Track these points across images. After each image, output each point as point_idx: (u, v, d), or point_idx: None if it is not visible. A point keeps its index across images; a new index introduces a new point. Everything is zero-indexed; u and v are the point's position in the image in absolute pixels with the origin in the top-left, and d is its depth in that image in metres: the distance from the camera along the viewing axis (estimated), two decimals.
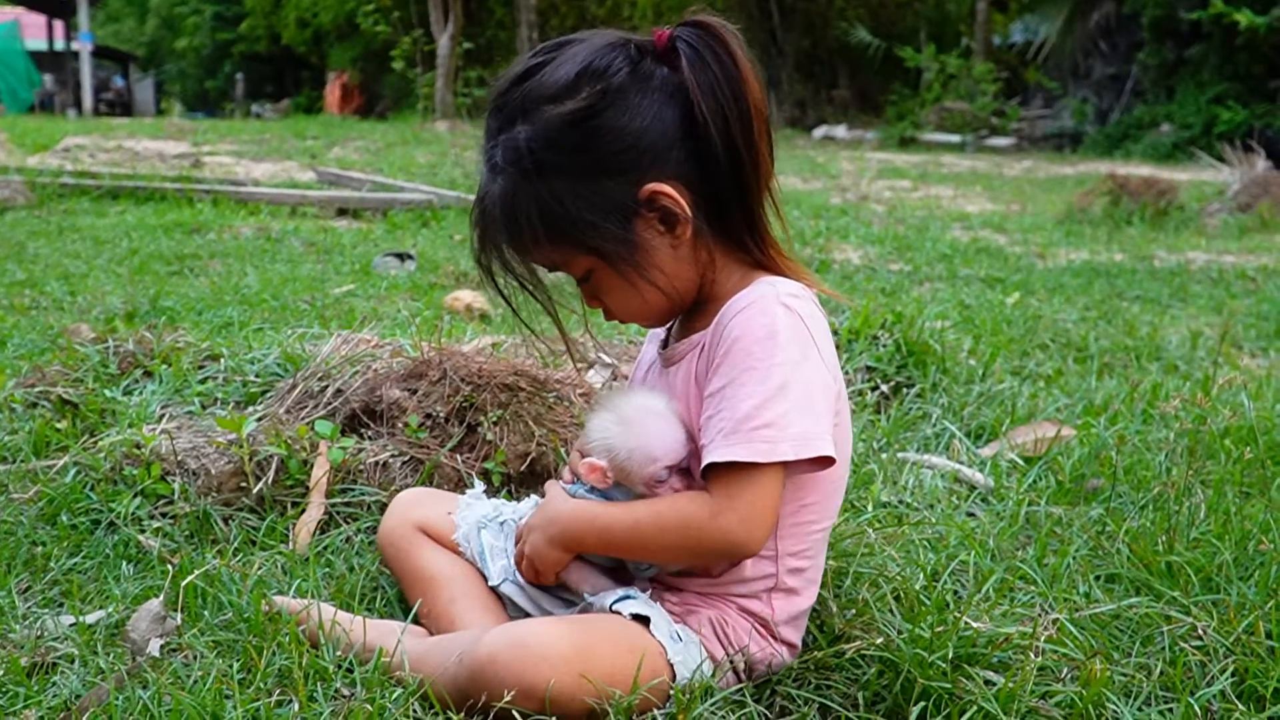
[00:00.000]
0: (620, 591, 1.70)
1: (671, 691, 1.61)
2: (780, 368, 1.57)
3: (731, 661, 1.69)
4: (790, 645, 1.76)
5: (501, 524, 1.92)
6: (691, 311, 1.77)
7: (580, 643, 1.57)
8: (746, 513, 1.57)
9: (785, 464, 1.58)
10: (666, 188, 1.62)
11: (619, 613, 1.66)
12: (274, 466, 2.40)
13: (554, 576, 1.75)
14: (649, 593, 1.71)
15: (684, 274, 1.69)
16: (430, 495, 2.11)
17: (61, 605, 1.98)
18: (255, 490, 2.36)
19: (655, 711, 1.59)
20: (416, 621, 1.84)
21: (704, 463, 1.59)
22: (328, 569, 2.12)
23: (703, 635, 1.69)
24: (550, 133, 1.60)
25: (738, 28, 1.65)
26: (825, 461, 1.60)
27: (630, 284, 1.66)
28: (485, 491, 2.09)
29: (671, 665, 1.62)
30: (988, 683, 1.63)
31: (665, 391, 1.73)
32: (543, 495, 1.85)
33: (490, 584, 1.87)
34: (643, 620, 1.65)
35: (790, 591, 1.73)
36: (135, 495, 2.31)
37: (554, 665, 1.52)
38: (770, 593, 1.72)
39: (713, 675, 1.66)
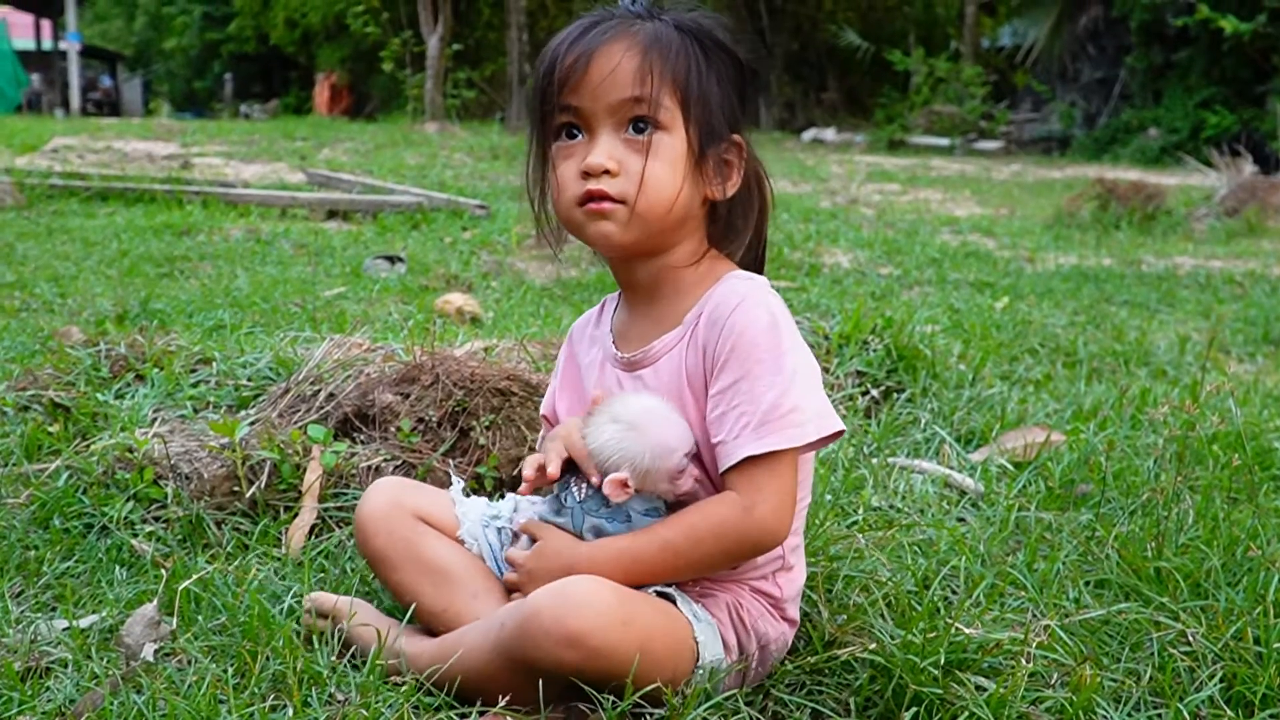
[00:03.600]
0: None
1: (699, 669, 1.63)
2: (789, 354, 1.62)
3: (745, 652, 1.72)
4: (792, 621, 1.80)
5: (500, 529, 1.90)
6: (641, 313, 1.79)
7: (623, 596, 1.58)
8: (776, 501, 1.62)
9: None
10: (745, 145, 1.72)
11: None
12: (267, 471, 2.40)
13: None
14: None
15: (678, 214, 1.68)
16: (415, 485, 2.02)
17: (55, 609, 1.98)
18: (248, 494, 2.37)
19: (667, 687, 1.59)
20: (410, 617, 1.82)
21: (735, 458, 1.61)
22: (321, 574, 2.12)
23: (719, 620, 1.70)
24: (723, 37, 1.70)
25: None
26: (837, 435, 1.65)
27: (671, 166, 1.65)
28: (464, 490, 2.05)
29: (696, 642, 1.64)
30: (979, 688, 1.64)
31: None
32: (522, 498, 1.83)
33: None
34: (666, 599, 1.67)
35: (790, 568, 1.77)
36: (128, 499, 2.32)
37: (599, 611, 1.53)
38: (776, 573, 1.76)
39: (736, 662, 1.69)
